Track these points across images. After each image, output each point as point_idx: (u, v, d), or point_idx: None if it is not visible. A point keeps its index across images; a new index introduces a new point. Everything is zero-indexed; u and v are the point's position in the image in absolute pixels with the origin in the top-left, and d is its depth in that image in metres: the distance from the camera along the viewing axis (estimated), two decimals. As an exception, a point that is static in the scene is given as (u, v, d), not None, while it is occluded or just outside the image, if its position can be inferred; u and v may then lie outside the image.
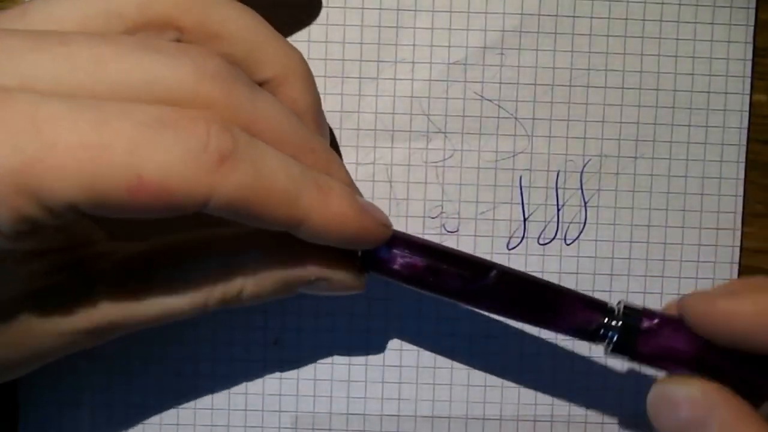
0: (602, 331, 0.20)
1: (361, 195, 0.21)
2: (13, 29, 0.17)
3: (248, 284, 0.20)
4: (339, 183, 0.19)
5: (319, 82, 0.25)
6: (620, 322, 0.20)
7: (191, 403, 0.26)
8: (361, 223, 0.19)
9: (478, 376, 0.26)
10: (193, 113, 0.16)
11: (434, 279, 0.21)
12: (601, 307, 0.21)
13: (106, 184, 0.15)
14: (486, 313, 0.21)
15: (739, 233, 0.26)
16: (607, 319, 0.20)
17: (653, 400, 0.19)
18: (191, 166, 0.16)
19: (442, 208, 0.26)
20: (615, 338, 0.20)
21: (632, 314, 0.20)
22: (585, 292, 0.21)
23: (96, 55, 0.16)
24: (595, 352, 0.26)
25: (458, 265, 0.21)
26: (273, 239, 0.20)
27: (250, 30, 0.20)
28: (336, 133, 0.26)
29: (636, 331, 0.20)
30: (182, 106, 0.17)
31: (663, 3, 0.26)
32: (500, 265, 0.21)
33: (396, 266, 0.20)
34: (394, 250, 0.20)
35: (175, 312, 0.20)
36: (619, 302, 0.21)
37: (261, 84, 0.20)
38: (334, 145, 0.26)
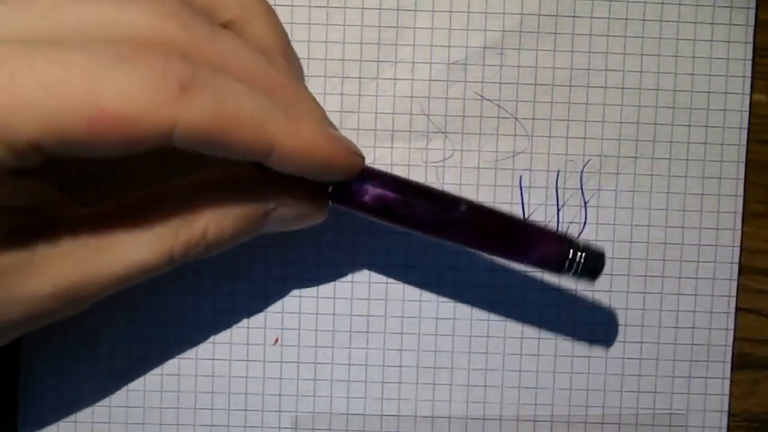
0: (567, 262, 0.21)
1: (335, 129, 0.21)
2: None
3: (210, 224, 0.20)
4: (309, 112, 0.19)
5: (319, 82, 0.25)
6: (587, 255, 0.21)
7: (191, 403, 0.26)
8: (333, 150, 0.19)
9: (478, 376, 0.26)
10: (152, 48, 0.17)
11: (404, 211, 0.21)
12: (567, 240, 0.21)
13: (66, 119, 0.16)
14: (465, 248, 0.22)
15: (739, 233, 0.26)
16: (572, 251, 0.21)
17: None
18: (151, 96, 0.16)
19: (442, 208, 0.26)
20: (581, 269, 0.21)
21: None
22: (585, 291, 0.21)
23: (53, 1, 0.17)
24: (595, 352, 0.26)
25: (428, 197, 0.21)
26: (232, 179, 0.20)
27: None
28: (336, 133, 0.26)
29: (602, 259, 0.22)
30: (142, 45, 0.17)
31: (663, 3, 0.26)
32: (470, 199, 0.21)
33: (366, 198, 0.21)
34: (366, 183, 0.21)
35: (141, 266, 0.20)
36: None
37: (224, 26, 0.20)
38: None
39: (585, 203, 0.26)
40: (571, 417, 0.26)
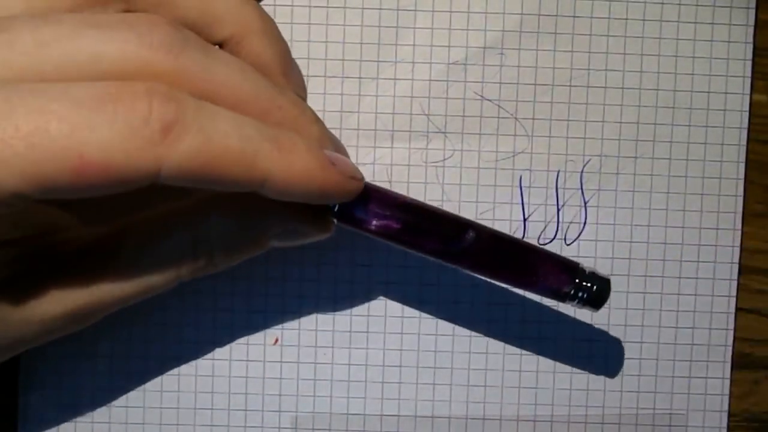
0: (573, 291, 0.22)
1: (339, 145, 0.21)
2: None
3: (217, 249, 0.21)
4: (304, 138, 0.19)
5: (319, 82, 0.25)
6: (593, 285, 0.22)
7: (191, 403, 0.26)
8: (328, 178, 0.19)
9: (478, 376, 0.26)
10: (134, 86, 0.16)
11: (410, 239, 0.21)
12: (574, 269, 0.22)
13: (48, 169, 0.15)
14: (468, 272, 0.22)
15: (739, 233, 0.26)
16: (578, 280, 0.21)
17: None
18: (133, 141, 0.16)
19: (442, 208, 0.26)
20: (586, 298, 0.22)
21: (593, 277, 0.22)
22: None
23: (37, 38, 0.16)
24: (596, 352, 0.26)
25: (435, 225, 0.21)
26: (237, 199, 0.21)
27: None
28: (336, 133, 0.26)
29: (608, 289, 0.22)
30: (129, 79, 0.17)
31: (663, 3, 0.26)
32: (478, 224, 0.21)
33: (371, 226, 0.21)
34: (369, 208, 0.21)
35: (149, 288, 0.20)
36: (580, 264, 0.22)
37: (221, 44, 0.20)
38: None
39: (585, 203, 0.26)
40: (571, 417, 0.26)
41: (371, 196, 0.21)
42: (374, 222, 0.21)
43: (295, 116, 0.19)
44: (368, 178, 0.26)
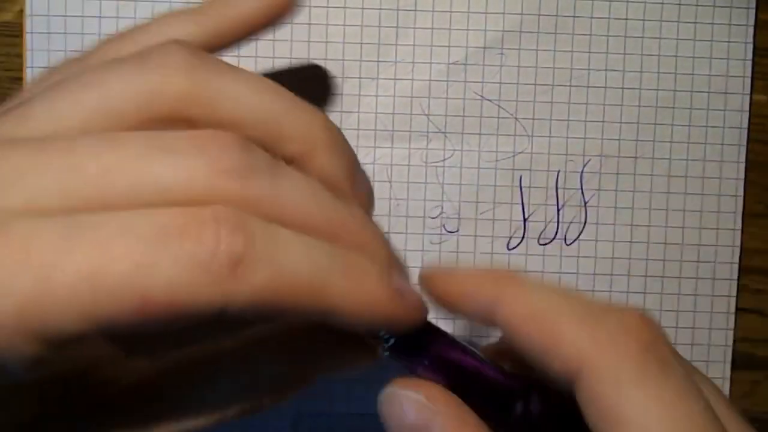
0: None
1: (404, 268, 0.21)
2: (15, 140, 0.17)
3: (265, 392, 0.20)
4: (373, 263, 0.18)
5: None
6: None
7: (191, 403, 0.26)
8: (395, 309, 0.18)
9: (478, 376, 0.26)
10: (200, 216, 0.15)
11: (457, 394, 0.19)
12: None
13: (109, 310, 0.15)
14: None
15: (739, 233, 0.26)
16: None
17: (384, 400, 0.20)
18: (200, 278, 0.15)
19: (442, 208, 0.26)
20: None
21: None
22: (586, 290, 0.21)
23: (102, 163, 0.16)
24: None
25: (483, 394, 0.19)
26: (287, 338, 0.20)
27: (264, 109, 0.19)
28: (336, 133, 0.26)
29: None
30: (196, 203, 0.16)
31: (663, 3, 0.26)
32: (532, 390, 0.19)
33: (418, 372, 0.20)
34: (421, 355, 0.19)
35: (193, 428, 0.19)
36: None
37: (286, 157, 0.19)
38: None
39: (585, 203, 0.26)
40: (571, 417, 0.26)
41: (428, 342, 0.19)
42: (420, 370, 0.19)
43: (365, 240, 0.19)
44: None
